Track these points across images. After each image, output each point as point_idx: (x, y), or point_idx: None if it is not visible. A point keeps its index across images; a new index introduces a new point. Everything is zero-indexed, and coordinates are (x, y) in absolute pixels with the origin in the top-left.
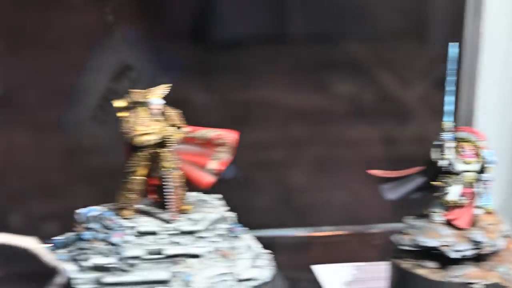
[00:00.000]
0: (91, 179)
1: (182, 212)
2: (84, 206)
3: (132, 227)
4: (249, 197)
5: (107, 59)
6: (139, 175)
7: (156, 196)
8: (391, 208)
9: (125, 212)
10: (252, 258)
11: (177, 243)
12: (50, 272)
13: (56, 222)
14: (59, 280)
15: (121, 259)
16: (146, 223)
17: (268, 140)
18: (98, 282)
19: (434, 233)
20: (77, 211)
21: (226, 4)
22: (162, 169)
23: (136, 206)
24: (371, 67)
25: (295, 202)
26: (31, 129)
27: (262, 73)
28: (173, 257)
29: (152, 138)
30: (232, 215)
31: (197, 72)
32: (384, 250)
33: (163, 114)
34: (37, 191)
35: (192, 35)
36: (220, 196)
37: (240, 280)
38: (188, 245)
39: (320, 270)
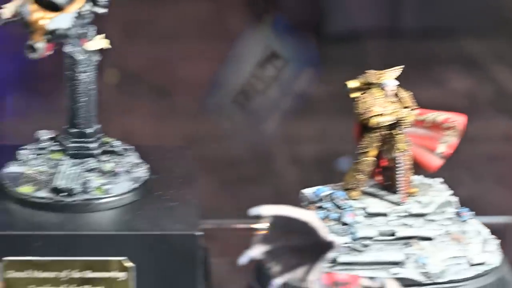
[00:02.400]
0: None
1: (410, 194)
2: None
3: (362, 208)
4: None
5: (254, 46)
6: (370, 156)
7: (381, 178)
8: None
9: (353, 193)
10: (482, 243)
11: (408, 225)
12: (325, 246)
13: None
14: (332, 255)
15: (354, 239)
16: (375, 204)
17: None
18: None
19: None
20: (304, 190)
21: None
22: (395, 151)
23: (364, 187)
24: (486, 63)
25: None
26: (147, 116)
27: (375, 66)
28: (405, 239)
29: (387, 120)
30: (456, 199)
31: (312, 64)
32: None
33: (396, 95)
34: None
35: (307, 28)
36: (442, 179)
37: (472, 265)
38: (419, 228)
39: None
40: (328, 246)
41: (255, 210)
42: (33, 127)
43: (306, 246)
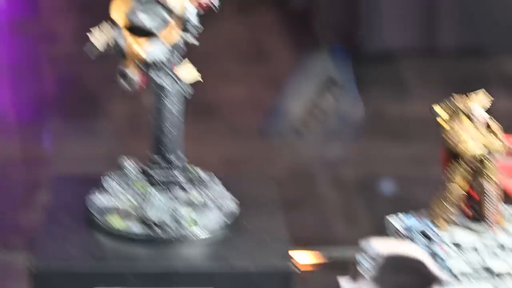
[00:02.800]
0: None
1: (498, 225)
2: None
3: (451, 239)
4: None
5: (313, 74)
6: (458, 186)
7: (469, 209)
8: None
9: (442, 223)
10: None
11: (499, 257)
12: (432, 282)
13: None
14: None
15: (445, 271)
16: (464, 236)
17: (422, 155)
18: None
19: None
20: (390, 218)
21: (377, 16)
22: (485, 180)
23: (452, 217)
24: None
25: None
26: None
27: (412, 86)
28: (497, 271)
29: (477, 148)
30: None
31: (357, 87)
32: None
33: (486, 124)
34: None
35: (342, 47)
36: None
37: None
38: (511, 260)
39: None
40: (435, 282)
41: (366, 246)
42: (80, 152)
43: (413, 284)
